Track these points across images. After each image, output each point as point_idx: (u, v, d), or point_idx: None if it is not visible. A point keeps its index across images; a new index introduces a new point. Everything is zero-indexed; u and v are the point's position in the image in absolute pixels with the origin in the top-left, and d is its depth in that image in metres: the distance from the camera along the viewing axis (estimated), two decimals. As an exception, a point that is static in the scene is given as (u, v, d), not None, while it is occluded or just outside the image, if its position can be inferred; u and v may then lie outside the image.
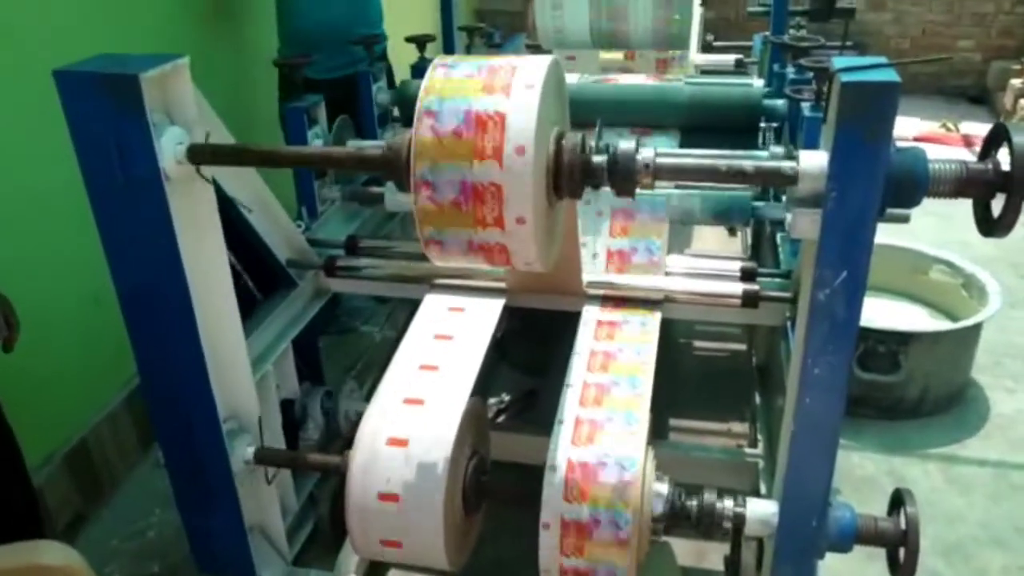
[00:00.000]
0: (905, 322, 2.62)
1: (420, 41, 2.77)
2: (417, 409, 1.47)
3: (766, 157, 1.88)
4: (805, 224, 1.12)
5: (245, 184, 1.71)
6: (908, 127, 5.27)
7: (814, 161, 1.08)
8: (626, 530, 1.32)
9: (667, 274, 1.76)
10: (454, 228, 1.12)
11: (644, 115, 2.15)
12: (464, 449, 1.47)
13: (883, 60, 1.07)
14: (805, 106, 1.90)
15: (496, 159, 1.06)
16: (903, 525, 1.34)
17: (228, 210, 1.72)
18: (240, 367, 1.63)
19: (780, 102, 2.23)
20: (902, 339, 2.34)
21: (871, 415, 2.46)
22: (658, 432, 2.41)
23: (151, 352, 1.52)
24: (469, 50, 3.30)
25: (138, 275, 1.45)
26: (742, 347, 2.79)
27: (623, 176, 1.14)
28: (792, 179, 1.10)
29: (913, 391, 2.42)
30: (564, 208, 1.30)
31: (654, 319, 1.64)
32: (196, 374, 1.52)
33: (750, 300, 1.63)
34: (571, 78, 2.57)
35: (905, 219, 1.80)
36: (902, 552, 1.34)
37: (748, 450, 2.07)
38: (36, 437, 2.04)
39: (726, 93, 2.18)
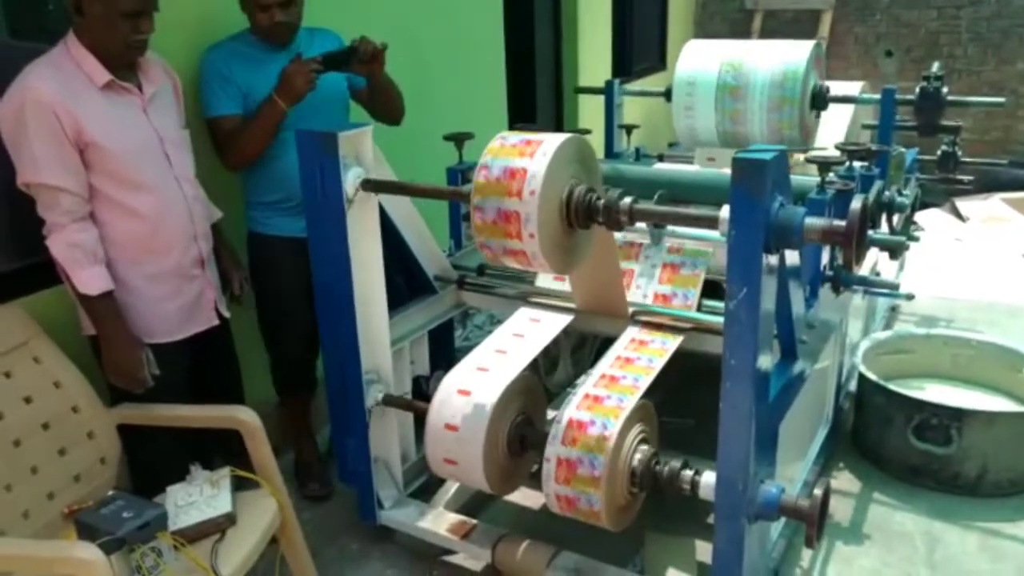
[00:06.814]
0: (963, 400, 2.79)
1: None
2: (483, 374, 2.09)
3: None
4: (721, 254, 1.63)
5: (404, 213, 2.48)
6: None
7: (726, 211, 1.60)
8: (600, 471, 1.83)
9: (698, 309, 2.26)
10: (495, 238, 1.76)
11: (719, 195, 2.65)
12: (512, 405, 2.06)
13: (781, 148, 1.59)
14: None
15: (518, 196, 1.70)
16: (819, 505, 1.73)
17: (395, 233, 2.50)
18: (382, 337, 2.35)
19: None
20: (955, 415, 2.56)
21: (930, 485, 2.66)
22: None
23: (327, 320, 2.30)
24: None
25: (325, 268, 2.24)
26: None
27: (607, 214, 1.73)
28: (716, 222, 1.63)
29: (970, 469, 2.60)
30: (586, 236, 1.87)
31: (674, 342, 2.15)
32: (351, 338, 2.26)
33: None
34: (688, 167, 3.17)
35: (910, 297, 2.22)
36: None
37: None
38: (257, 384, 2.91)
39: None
